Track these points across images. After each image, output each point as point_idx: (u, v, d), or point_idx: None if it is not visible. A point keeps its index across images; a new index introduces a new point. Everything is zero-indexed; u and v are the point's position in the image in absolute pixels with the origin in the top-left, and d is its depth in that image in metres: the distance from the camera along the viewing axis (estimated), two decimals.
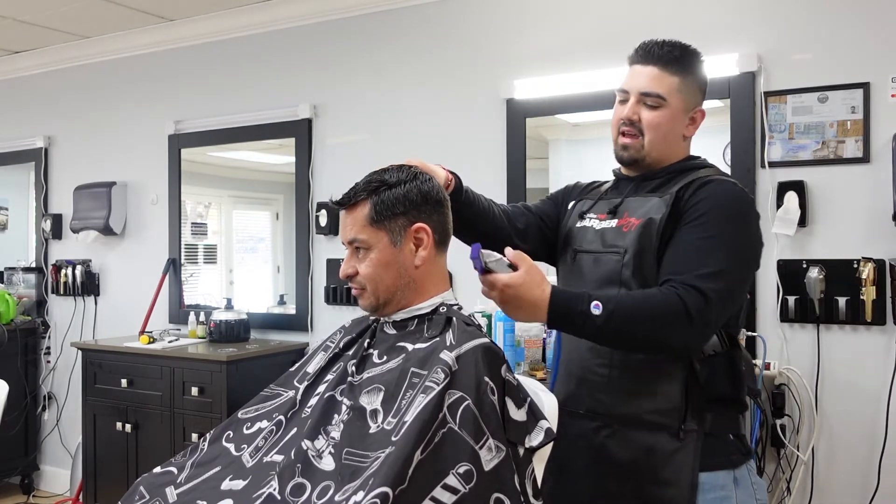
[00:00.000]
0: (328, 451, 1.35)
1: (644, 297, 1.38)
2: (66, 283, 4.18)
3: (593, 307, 1.35)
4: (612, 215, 1.56)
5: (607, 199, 1.62)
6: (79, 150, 4.29)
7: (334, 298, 3.42)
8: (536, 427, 1.39)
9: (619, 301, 1.37)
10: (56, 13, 3.68)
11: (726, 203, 1.43)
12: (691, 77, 1.54)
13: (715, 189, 1.45)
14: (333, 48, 3.46)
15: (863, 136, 2.42)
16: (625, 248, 1.49)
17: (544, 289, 1.38)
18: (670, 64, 1.53)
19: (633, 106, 1.54)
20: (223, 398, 3.05)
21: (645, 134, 1.53)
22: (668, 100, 1.52)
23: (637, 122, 1.54)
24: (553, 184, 3.09)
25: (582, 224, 1.64)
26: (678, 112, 1.53)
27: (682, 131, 1.56)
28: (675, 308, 1.33)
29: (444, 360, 1.34)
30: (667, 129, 1.53)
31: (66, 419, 4.26)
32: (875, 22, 2.42)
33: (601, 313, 1.34)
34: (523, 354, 2.53)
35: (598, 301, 1.35)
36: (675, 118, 1.53)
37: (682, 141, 1.56)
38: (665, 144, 1.54)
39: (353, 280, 1.50)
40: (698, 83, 1.57)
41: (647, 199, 1.52)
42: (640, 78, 1.55)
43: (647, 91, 1.53)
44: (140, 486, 1.46)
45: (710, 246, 1.39)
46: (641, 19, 2.77)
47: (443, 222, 1.51)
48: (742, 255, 1.43)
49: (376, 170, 1.51)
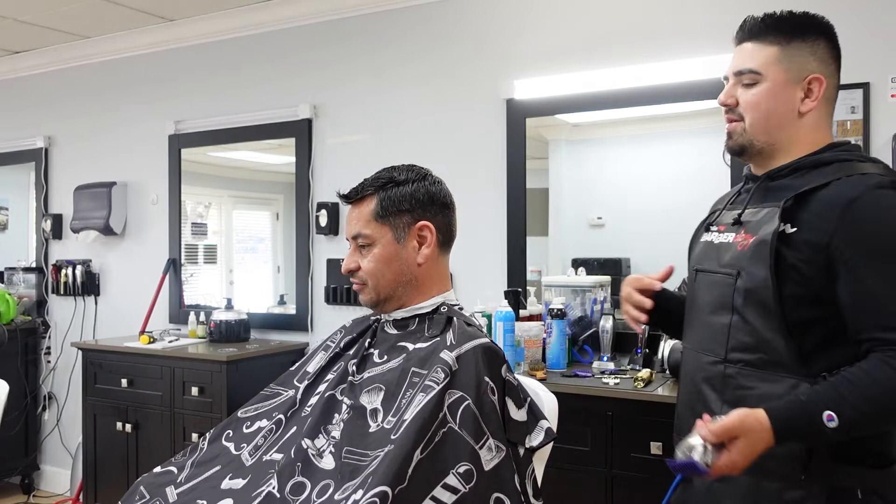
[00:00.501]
0: (328, 451, 1.36)
1: (872, 384, 1.16)
2: (66, 283, 4.18)
3: (826, 420, 1.15)
4: (735, 226, 1.35)
5: (732, 208, 1.42)
6: (79, 150, 4.29)
7: (334, 298, 3.42)
8: (537, 427, 1.39)
9: (849, 399, 1.15)
10: (56, 13, 3.68)
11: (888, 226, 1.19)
12: (798, 42, 1.32)
13: (873, 210, 1.20)
14: (333, 48, 3.46)
15: (863, 137, 2.42)
16: (737, 269, 1.30)
17: (763, 424, 1.17)
18: (765, 33, 1.33)
19: (729, 89, 1.37)
20: (223, 398, 3.06)
21: (745, 116, 1.33)
22: (763, 73, 1.32)
23: (735, 105, 1.35)
24: (553, 184, 3.09)
25: (704, 238, 1.45)
26: (780, 85, 1.31)
27: (794, 106, 1.31)
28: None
29: (444, 359, 1.34)
30: (768, 106, 1.31)
31: (66, 419, 4.26)
32: (875, 22, 2.42)
33: (838, 425, 1.15)
34: (523, 354, 2.53)
35: (830, 413, 1.15)
36: (778, 93, 1.31)
37: (797, 119, 1.31)
38: (772, 123, 1.32)
39: (354, 275, 1.50)
40: (812, 48, 1.32)
41: (762, 207, 1.31)
42: (736, 57, 1.37)
43: (739, 69, 1.34)
44: (140, 485, 1.46)
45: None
46: (641, 19, 2.77)
47: (448, 224, 1.52)
48: None
49: (386, 167, 1.52)
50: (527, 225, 2.99)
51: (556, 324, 2.53)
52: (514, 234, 3.00)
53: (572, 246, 3.05)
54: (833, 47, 1.35)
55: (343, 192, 1.52)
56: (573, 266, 2.81)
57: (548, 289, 2.76)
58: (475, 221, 3.03)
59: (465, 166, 3.07)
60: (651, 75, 2.70)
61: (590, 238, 3.02)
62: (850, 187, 1.22)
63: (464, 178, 2.94)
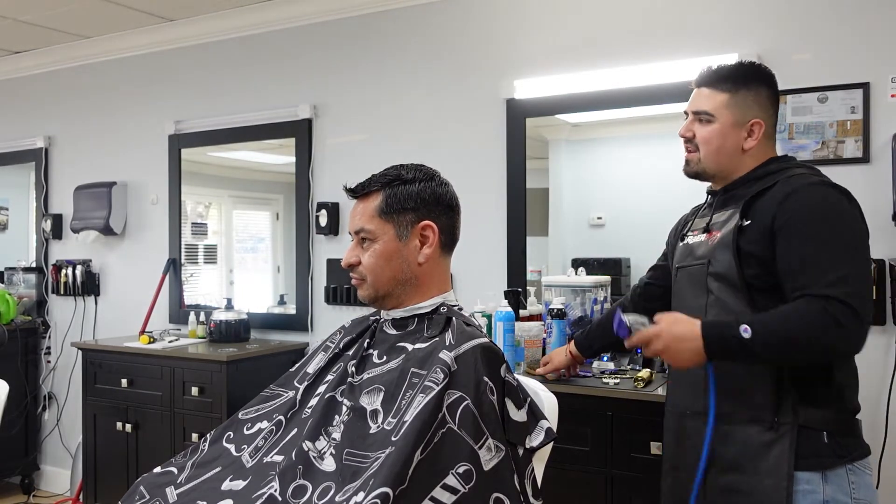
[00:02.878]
0: (329, 452, 1.35)
1: (788, 317, 1.46)
2: (66, 283, 4.18)
3: (742, 331, 1.45)
4: (704, 231, 1.69)
5: (702, 216, 1.76)
6: (79, 150, 4.29)
7: (334, 298, 3.42)
8: (537, 427, 1.39)
9: (764, 322, 1.46)
10: (56, 13, 3.68)
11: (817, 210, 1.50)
12: (744, 91, 1.64)
13: (801, 199, 1.51)
14: (333, 48, 3.46)
15: (862, 137, 2.42)
16: (708, 259, 1.62)
17: (693, 323, 1.51)
18: (719, 82, 1.65)
19: (688, 124, 1.69)
20: (223, 398, 3.06)
21: (700, 149, 1.67)
22: (716, 116, 1.64)
23: (692, 138, 1.68)
24: (553, 184, 3.09)
25: (681, 243, 1.79)
26: (728, 126, 1.63)
27: (739, 144, 1.64)
28: (825, 322, 1.42)
29: (443, 359, 1.34)
30: (718, 143, 1.64)
31: (66, 419, 4.26)
32: (875, 22, 2.42)
33: (751, 336, 1.44)
34: (523, 354, 2.53)
35: (745, 325, 1.45)
36: (727, 133, 1.64)
37: (741, 153, 1.64)
38: (721, 157, 1.65)
39: (354, 270, 1.51)
40: (755, 95, 1.64)
41: (726, 211, 1.65)
42: (694, 98, 1.70)
43: (696, 109, 1.67)
44: (140, 485, 1.46)
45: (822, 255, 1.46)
46: (641, 19, 2.77)
47: (451, 225, 1.52)
48: (853, 250, 1.49)
49: (394, 164, 1.52)
50: (527, 225, 2.98)
51: (556, 324, 2.53)
52: (514, 234, 2.99)
53: (572, 246, 3.05)
54: (773, 94, 1.67)
55: (349, 186, 1.52)
56: (573, 266, 2.81)
57: (548, 289, 2.76)
58: (475, 221, 3.02)
59: (465, 166, 3.07)
60: (651, 75, 2.70)
61: (590, 238, 3.02)
62: (788, 185, 1.55)
63: (464, 178, 2.92)
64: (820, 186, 1.54)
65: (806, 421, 1.49)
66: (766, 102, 1.65)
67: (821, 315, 1.42)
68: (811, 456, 1.48)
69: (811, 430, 1.49)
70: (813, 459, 1.48)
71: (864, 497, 1.51)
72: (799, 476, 1.47)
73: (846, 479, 1.49)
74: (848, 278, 1.43)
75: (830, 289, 1.42)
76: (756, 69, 1.68)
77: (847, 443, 1.51)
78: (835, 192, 1.54)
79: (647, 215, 2.84)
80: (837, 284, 1.42)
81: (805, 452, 1.48)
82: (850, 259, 1.46)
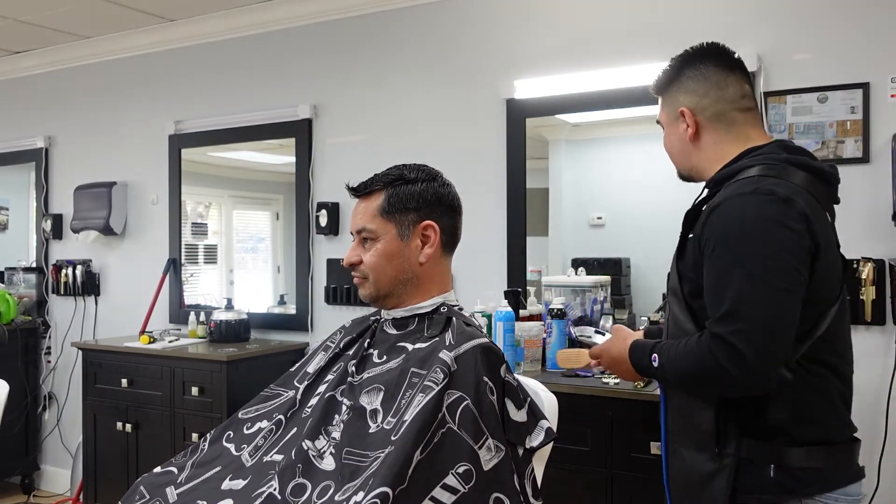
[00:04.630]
0: (329, 452, 1.36)
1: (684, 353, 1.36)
2: (66, 283, 4.18)
3: (652, 360, 1.41)
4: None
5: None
6: (79, 150, 4.29)
7: (334, 298, 3.42)
8: (537, 427, 1.39)
9: (668, 354, 1.39)
10: (56, 13, 3.68)
11: (729, 229, 1.32)
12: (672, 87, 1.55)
13: (721, 214, 1.34)
14: (333, 48, 3.46)
15: (862, 137, 2.42)
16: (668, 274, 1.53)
17: (626, 342, 1.49)
18: (655, 90, 1.60)
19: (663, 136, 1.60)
20: (223, 398, 3.06)
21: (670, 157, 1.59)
22: (663, 121, 1.57)
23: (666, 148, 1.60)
24: (553, 184, 3.09)
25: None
26: (670, 126, 1.55)
27: (682, 139, 1.52)
28: (707, 363, 1.30)
29: (443, 359, 1.34)
30: (669, 145, 1.57)
31: (66, 419, 4.26)
32: (875, 22, 2.42)
33: (658, 366, 1.41)
34: (523, 354, 2.53)
35: (655, 353, 1.41)
36: (671, 132, 1.55)
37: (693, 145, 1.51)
38: (678, 157, 1.56)
39: (355, 269, 1.51)
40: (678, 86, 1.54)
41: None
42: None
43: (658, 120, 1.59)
44: (140, 485, 1.46)
45: (721, 285, 1.31)
46: (641, 19, 2.77)
47: (453, 226, 1.53)
48: (753, 277, 1.28)
49: (397, 164, 1.53)
50: (527, 225, 2.99)
51: (556, 324, 2.53)
52: (514, 234, 2.99)
53: (572, 246, 3.05)
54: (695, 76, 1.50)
55: (352, 185, 1.52)
56: (573, 266, 2.81)
57: (548, 289, 2.76)
58: (475, 221, 3.01)
59: (465, 166, 3.07)
60: (651, 75, 2.69)
61: (590, 238, 3.02)
62: (723, 194, 1.37)
63: (464, 178, 2.91)
64: (748, 197, 1.32)
65: (749, 453, 1.35)
66: (692, 85, 1.50)
67: (706, 356, 1.29)
68: (752, 491, 1.35)
69: (754, 464, 1.35)
70: (752, 496, 1.35)
71: None
72: None
73: None
74: (737, 313, 1.27)
75: (716, 325, 1.29)
76: (682, 57, 1.55)
77: (804, 477, 1.34)
78: (761, 203, 1.30)
79: (647, 215, 2.84)
80: (725, 320, 1.28)
81: (746, 487, 1.35)
82: (749, 289, 1.27)
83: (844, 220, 2.41)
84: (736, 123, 1.47)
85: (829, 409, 1.37)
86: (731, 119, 1.47)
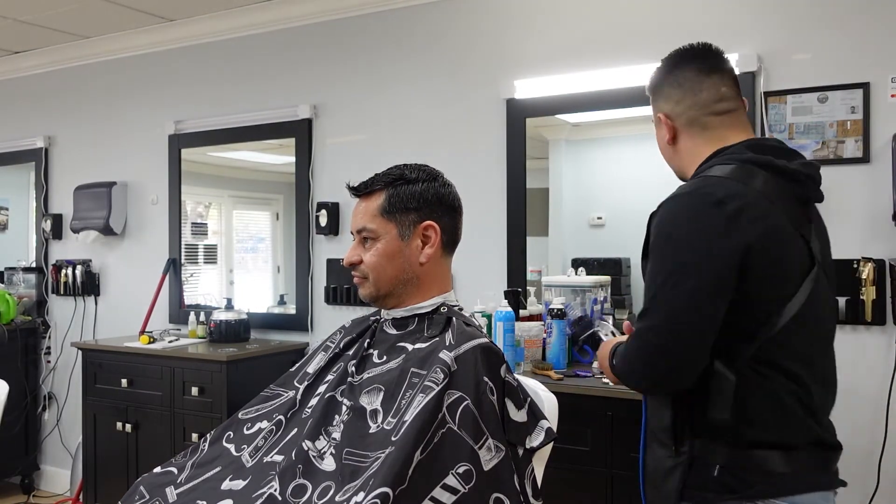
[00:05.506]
0: (329, 452, 1.35)
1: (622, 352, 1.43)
2: (66, 283, 4.18)
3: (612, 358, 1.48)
4: None
5: None
6: (79, 150, 4.29)
7: (334, 298, 3.42)
8: (537, 427, 1.39)
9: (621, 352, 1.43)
10: (56, 13, 3.68)
11: (657, 231, 1.39)
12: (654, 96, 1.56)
13: (659, 215, 1.40)
14: (333, 48, 3.46)
15: (862, 137, 2.42)
16: None
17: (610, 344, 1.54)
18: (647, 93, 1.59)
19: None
20: (223, 398, 3.05)
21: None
22: (655, 121, 1.57)
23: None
24: (553, 184, 3.09)
25: None
26: (658, 127, 1.56)
27: (664, 141, 1.55)
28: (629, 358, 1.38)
29: (443, 359, 1.34)
30: (660, 146, 1.58)
31: (66, 419, 4.26)
32: (875, 22, 2.42)
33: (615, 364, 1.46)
34: (523, 354, 2.53)
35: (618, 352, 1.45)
36: (658, 134, 1.57)
37: (673, 148, 1.54)
38: (667, 156, 1.58)
39: (356, 268, 1.51)
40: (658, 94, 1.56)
41: None
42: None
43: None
44: (140, 485, 1.46)
45: (647, 283, 1.38)
46: (642, 19, 2.77)
47: (453, 226, 1.53)
48: (668, 275, 1.33)
49: (398, 164, 1.53)
50: (527, 225, 2.98)
51: (556, 324, 2.53)
52: (514, 234, 2.99)
53: (572, 246, 3.05)
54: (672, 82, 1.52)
55: (352, 185, 1.52)
56: (573, 266, 2.81)
57: (548, 289, 2.76)
58: (475, 221, 3.01)
59: (465, 166, 3.07)
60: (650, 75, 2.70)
61: (590, 238, 3.02)
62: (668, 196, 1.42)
63: (464, 178, 2.91)
64: (683, 198, 1.37)
65: (699, 451, 1.37)
66: (668, 91, 1.52)
67: (630, 351, 1.37)
68: (697, 488, 1.37)
69: (702, 463, 1.36)
70: (697, 493, 1.37)
71: None
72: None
73: None
74: (649, 310, 1.33)
75: (637, 323, 1.37)
76: (664, 61, 1.56)
77: (749, 479, 1.33)
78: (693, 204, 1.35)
79: (647, 215, 2.83)
80: (641, 318, 1.35)
81: (693, 483, 1.37)
82: (662, 286, 1.32)
83: (844, 220, 2.43)
84: (710, 127, 1.49)
85: (779, 412, 1.34)
86: (704, 123, 1.49)
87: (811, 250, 1.37)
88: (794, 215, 1.37)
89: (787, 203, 1.36)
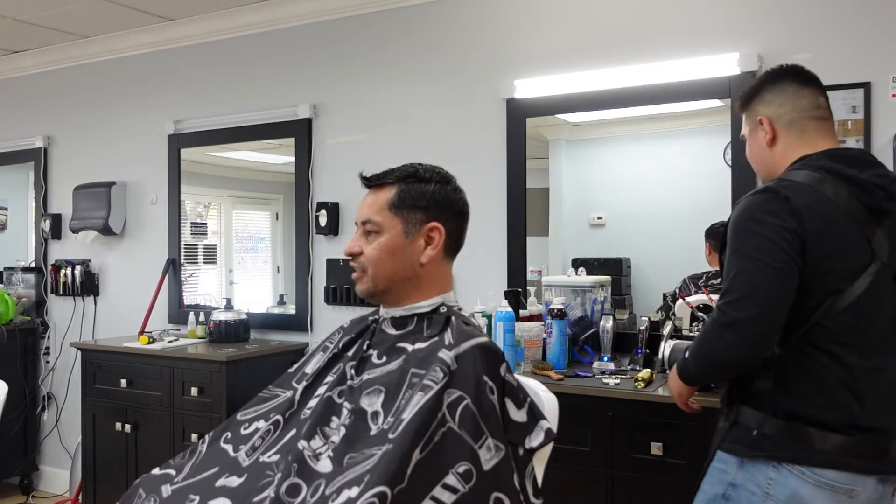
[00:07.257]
0: (327, 454, 1.35)
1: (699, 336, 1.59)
2: (65, 283, 4.18)
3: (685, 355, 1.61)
4: None
5: None
6: (78, 150, 4.29)
7: (334, 298, 3.41)
8: (537, 427, 1.38)
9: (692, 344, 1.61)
10: (56, 13, 3.67)
11: (734, 222, 1.54)
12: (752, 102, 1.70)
13: (735, 211, 1.56)
14: (333, 48, 3.45)
15: (863, 136, 2.42)
16: None
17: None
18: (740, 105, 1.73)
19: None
20: (223, 398, 3.05)
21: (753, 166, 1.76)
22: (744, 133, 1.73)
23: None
24: (553, 184, 3.09)
25: None
26: (751, 133, 1.70)
27: (761, 144, 1.67)
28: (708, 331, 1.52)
29: (442, 359, 1.33)
30: (749, 150, 1.72)
31: (65, 419, 4.25)
32: (875, 22, 2.42)
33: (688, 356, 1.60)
34: (523, 354, 2.53)
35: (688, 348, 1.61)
36: (751, 140, 1.71)
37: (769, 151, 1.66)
38: (757, 164, 1.72)
39: (355, 259, 1.50)
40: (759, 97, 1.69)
41: None
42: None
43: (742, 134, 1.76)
44: (139, 486, 1.46)
45: (726, 269, 1.52)
46: (642, 19, 2.77)
47: (458, 232, 1.53)
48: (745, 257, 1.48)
49: (413, 162, 1.53)
50: (527, 225, 2.98)
51: (556, 324, 2.53)
52: (514, 234, 2.99)
53: (572, 246, 3.04)
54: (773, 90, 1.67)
55: (365, 175, 1.52)
56: (573, 266, 2.80)
57: (548, 289, 2.76)
58: (475, 221, 2.98)
59: (465, 166, 3.06)
60: (651, 75, 2.70)
61: (590, 238, 3.02)
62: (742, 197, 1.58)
63: (464, 178, 2.90)
64: (753, 196, 1.54)
65: (741, 418, 1.55)
66: (770, 97, 1.67)
67: (709, 328, 1.52)
68: (735, 443, 1.55)
69: (742, 426, 1.54)
70: (736, 445, 1.54)
71: (780, 496, 1.47)
72: (718, 454, 1.57)
73: (764, 473, 1.49)
74: (732, 287, 1.48)
75: (719, 300, 1.50)
76: (762, 77, 1.72)
77: (782, 444, 1.49)
78: (763, 200, 1.52)
79: (647, 215, 2.84)
80: (723, 295, 1.49)
81: (732, 439, 1.55)
82: (741, 266, 1.48)
83: None
84: (807, 131, 1.63)
85: (820, 391, 1.48)
86: (802, 126, 1.63)
87: (873, 250, 1.49)
88: (860, 219, 1.49)
89: (854, 209, 1.50)
